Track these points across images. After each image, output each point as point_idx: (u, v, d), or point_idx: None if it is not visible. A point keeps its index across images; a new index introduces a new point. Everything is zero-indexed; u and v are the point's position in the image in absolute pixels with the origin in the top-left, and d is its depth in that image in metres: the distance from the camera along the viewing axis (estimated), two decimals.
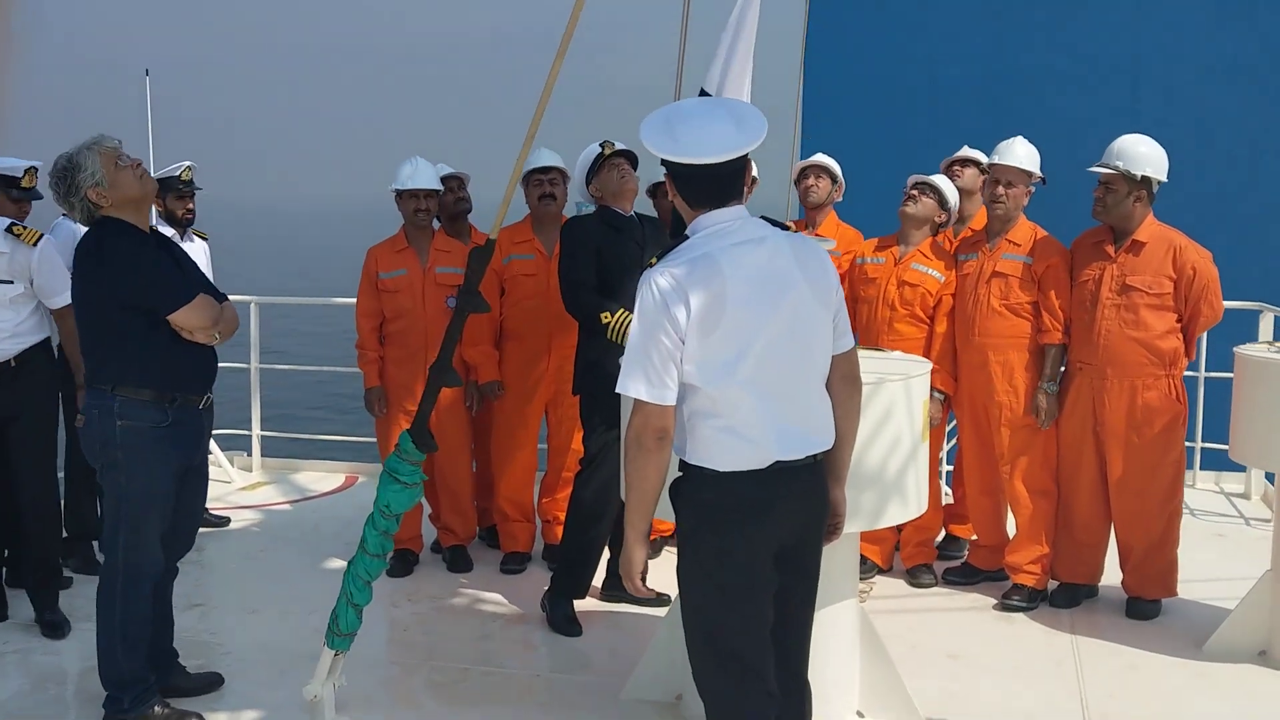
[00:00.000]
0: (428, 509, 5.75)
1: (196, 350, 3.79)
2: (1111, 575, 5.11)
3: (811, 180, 5.71)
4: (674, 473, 2.84)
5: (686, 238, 2.82)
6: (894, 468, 3.62)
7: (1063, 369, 5.06)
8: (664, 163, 2.82)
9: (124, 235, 3.72)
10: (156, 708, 3.84)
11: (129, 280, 3.65)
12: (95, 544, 5.57)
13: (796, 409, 2.79)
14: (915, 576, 5.40)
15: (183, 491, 3.89)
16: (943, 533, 5.75)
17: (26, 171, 5.01)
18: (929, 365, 3.96)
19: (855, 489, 3.54)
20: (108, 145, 3.76)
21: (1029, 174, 5.08)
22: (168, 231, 5.55)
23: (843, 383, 2.92)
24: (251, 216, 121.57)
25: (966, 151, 5.68)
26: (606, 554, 5.02)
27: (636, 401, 2.71)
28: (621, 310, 4.57)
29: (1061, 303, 4.98)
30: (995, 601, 5.11)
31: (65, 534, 5.54)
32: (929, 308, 5.29)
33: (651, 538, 5.67)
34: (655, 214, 5.44)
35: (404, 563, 5.51)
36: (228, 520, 6.30)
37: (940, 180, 5.39)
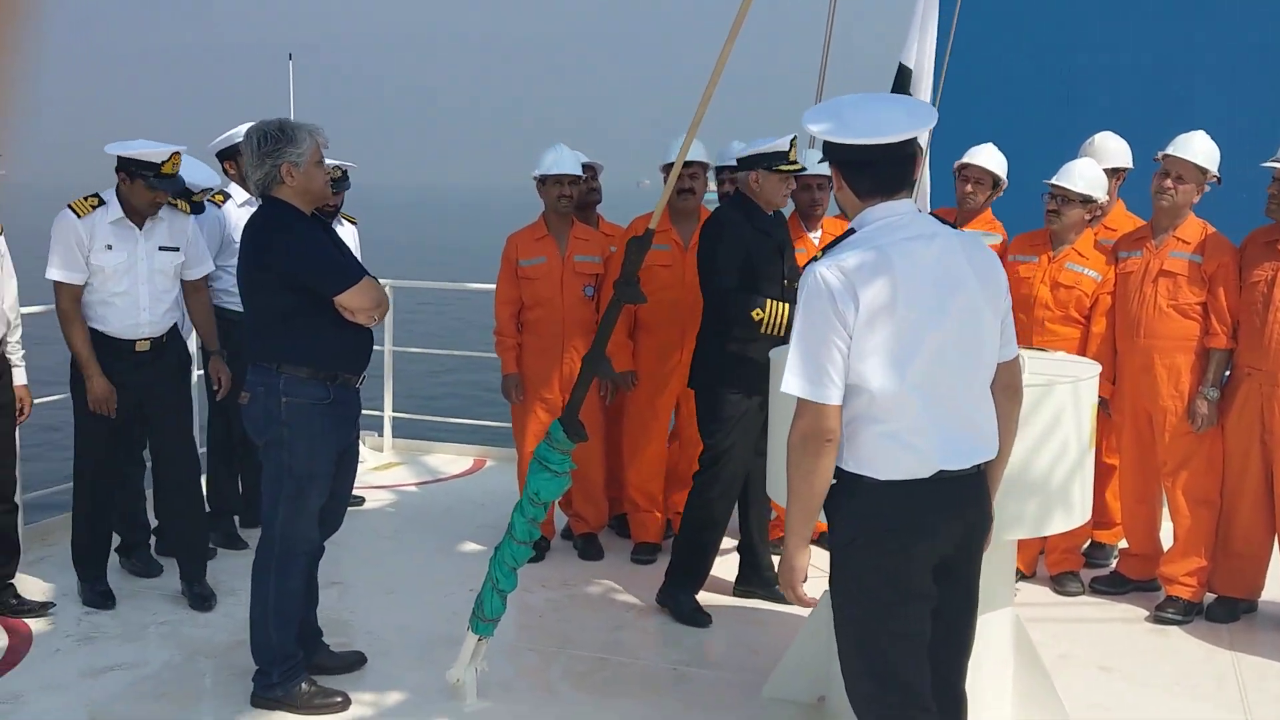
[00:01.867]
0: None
1: (355, 331, 3.82)
2: (1272, 590, 4.86)
3: (970, 187, 5.42)
4: None
5: (853, 230, 2.71)
6: (1060, 475, 3.47)
7: (1227, 374, 4.83)
8: (829, 153, 2.71)
9: (293, 219, 3.76)
10: (304, 685, 3.90)
11: (299, 262, 3.69)
12: (236, 519, 5.70)
13: (962, 415, 2.66)
14: (1061, 584, 5.22)
15: (338, 470, 3.94)
16: (1088, 540, 5.55)
17: (172, 156, 4.70)
18: (1098, 367, 3.78)
19: (1019, 497, 3.42)
20: (321, 138, 3.82)
21: (1204, 171, 4.83)
22: None
23: (1004, 392, 2.78)
24: (391, 200, 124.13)
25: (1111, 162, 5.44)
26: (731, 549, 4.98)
27: (801, 402, 2.59)
28: (769, 301, 4.49)
29: (1231, 305, 4.73)
30: (1147, 613, 4.91)
31: (208, 509, 5.70)
32: (1085, 309, 5.09)
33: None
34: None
35: (536, 548, 5.51)
36: (363, 500, 6.39)
37: (1076, 179, 5.07)
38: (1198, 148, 4.80)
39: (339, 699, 3.90)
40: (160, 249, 4.76)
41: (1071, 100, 7.06)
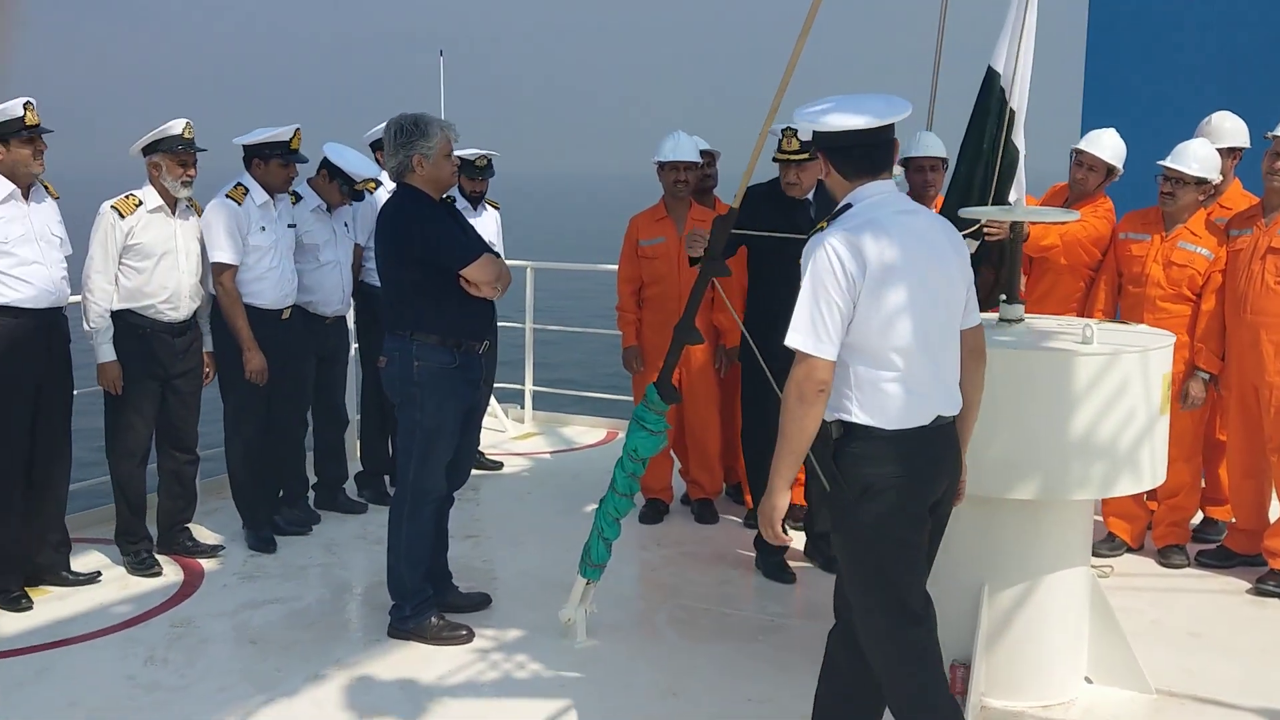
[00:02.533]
0: (678, 464, 6.10)
1: (478, 304, 4.25)
2: None
3: (1082, 174, 5.45)
4: None
5: (849, 205, 2.96)
6: (1127, 440, 3.63)
7: None
8: (819, 141, 2.99)
9: (422, 203, 4.22)
10: (433, 618, 4.36)
11: (429, 241, 4.15)
12: (386, 479, 6.24)
13: (947, 369, 2.97)
14: (1166, 556, 5.30)
15: (465, 428, 4.38)
16: (1200, 515, 5.60)
17: (295, 133, 5.34)
18: (1172, 339, 3.91)
19: (1085, 459, 3.61)
20: (452, 133, 4.28)
21: None
22: (461, 204, 6.14)
23: (970, 356, 3.05)
24: (531, 186, 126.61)
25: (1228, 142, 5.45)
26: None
27: (800, 354, 2.83)
28: None
29: None
30: (1249, 586, 4.96)
31: (362, 469, 6.27)
32: (1196, 286, 5.14)
33: None
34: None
35: (655, 511, 5.88)
36: (501, 464, 6.88)
37: (1190, 161, 5.10)
38: None
39: (464, 633, 4.35)
40: (289, 226, 5.40)
41: (1194, 76, 6.99)
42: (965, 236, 4.54)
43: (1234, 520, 5.31)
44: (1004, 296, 4.08)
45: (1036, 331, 3.94)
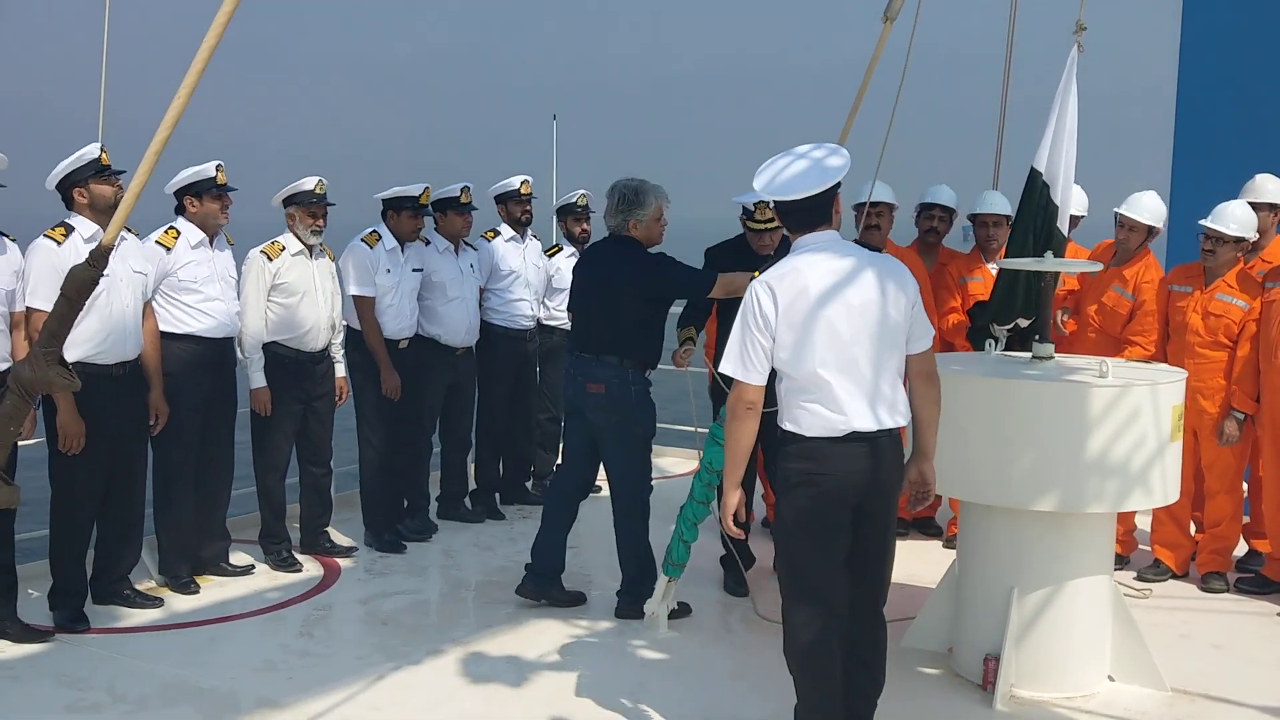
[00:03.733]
0: (760, 488, 6.70)
1: (660, 333, 5.16)
2: None
3: (1123, 235, 5.95)
4: None
5: (787, 252, 3.60)
6: (1138, 462, 4.17)
7: None
8: (775, 203, 3.64)
9: (640, 252, 5.16)
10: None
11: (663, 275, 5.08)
12: (497, 495, 6.98)
13: (869, 392, 3.46)
14: (1207, 582, 5.73)
15: None
16: (1245, 546, 6.01)
17: (424, 190, 6.29)
18: (1183, 375, 4.43)
19: (1100, 477, 4.16)
20: (663, 201, 5.18)
21: None
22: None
23: (918, 379, 3.62)
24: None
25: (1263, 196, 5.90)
26: None
27: (734, 379, 3.50)
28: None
29: None
30: None
31: (474, 486, 7.02)
32: (1233, 334, 5.60)
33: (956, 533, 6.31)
34: None
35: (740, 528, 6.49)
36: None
37: (1229, 221, 5.55)
38: None
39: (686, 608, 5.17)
40: (414, 270, 6.24)
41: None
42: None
43: (1269, 551, 5.72)
44: (1037, 337, 4.66)
45: (1062, 367, 4.51)
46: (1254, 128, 7.83)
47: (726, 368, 3.52)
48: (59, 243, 4.76)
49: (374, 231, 6.18)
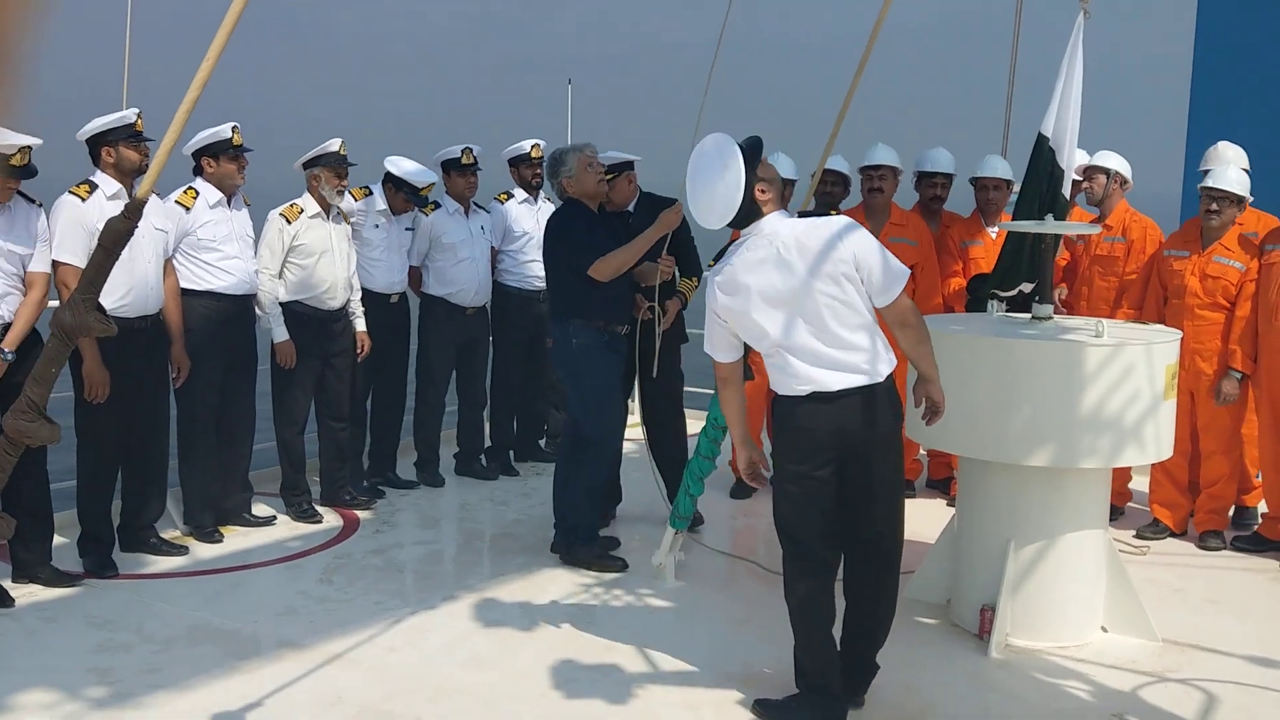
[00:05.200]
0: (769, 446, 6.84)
1: (622, 290, 5.33)
2: None
3: (1087, 183, 6.16)
4: None
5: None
6: (1131, 418, 4.29)
7: None
8: None
9: (575, 215, 5.27)
10: (597, 547, 5.39)
11: (566, 245, 5.24)
12: (511, 453, 7.14)
13: (826, 360, 3.63)
14: (1204, 541, 5.85)
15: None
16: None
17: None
18: (1177, 335, 4.54)
19: (1094, 433, 4.28)
20: (586, 153, 5.35)
21: None
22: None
23: (896, 328, 3.75)
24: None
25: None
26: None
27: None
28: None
29: None
30: (1279, 565, 5.51)
31: (490, 444, 7.17)
32: (1231, 296, 5.71)
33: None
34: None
35: (744, 488, 6.64)
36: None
37: (1233, 182, 5.65)
38: None
39: (620, 562, 5.32)
40: (406, 229, 6.48)
41: None
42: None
43: (1265, 510, 5.84)
44: (1037, 298, 4.77)
45: (1059, 327, 4.63)
46: (1271, 96, 7.87)
47: (706, 347, 3.90)
48: (83, 199, 4.94)
49: (366, 187, 6.36)
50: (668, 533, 5.14)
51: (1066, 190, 5.17)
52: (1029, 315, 4.79)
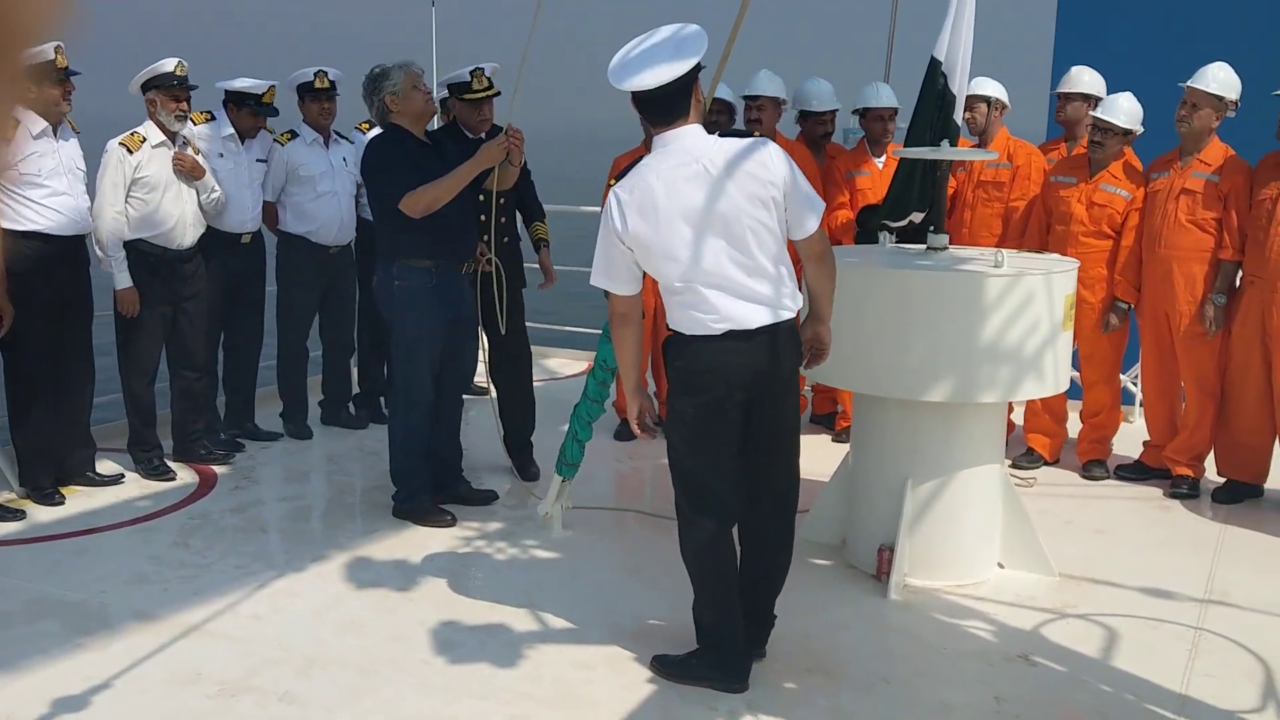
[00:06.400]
0: (653, 385, 6.62)
1: (453, 228, 4.77)
2: (1275, 479, 5.43)
3: (969, 113, 5.93)
4: None
5: (641, 158, 3.42)
6: (1030, 349, 4.17)
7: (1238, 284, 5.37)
8: (634, 97, 3.34)
9: (397, 141, 4.76)
10: (426, 502, 4.98)
11: (382, 176, 4.74)
12: (382, 400, 6.76)
13: (742, 292, 3.33)
14: (1088, 470, 5.85)
15: (451, 341, 4.94)
16: None
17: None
18: (1075, 264, 4.44)
19: (992, 365, 4.14)
20: (413, 69, 4.83)
21: (1220, 99, 5.34)
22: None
23: (809, 262, 3.51)
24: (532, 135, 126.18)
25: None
26: None
27: (607, 291, 3.42)
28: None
29: (1240, 222, 5.27)
30: (1161, 494, 5.53)
31: (359, 390, 6.78)
32: (1116, 224, 5.66)
33: (845, 426, 6.34)
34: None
35: (628, 430, 6.41)
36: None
37: (1119, 114, 5.55)
38: (1210, 78, 5.32)
39: (449, 517, 4.93)
40: (257, 160, 5.98)
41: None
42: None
43: (1148, 439, 5.87)
44: (931, 227, 4.61)
45: (955, 258, 4.47)
46: (1134, 27, 7.88)
47: (595, 279, 3.40)
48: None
49: (207, 112, 5.84)
50: (554, 481, 4.87)
51: (959, 117, 5.01)
52: (924, 246, 4.63)
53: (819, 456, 5.99)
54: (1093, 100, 5.97)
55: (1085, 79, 6.06)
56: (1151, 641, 3.98)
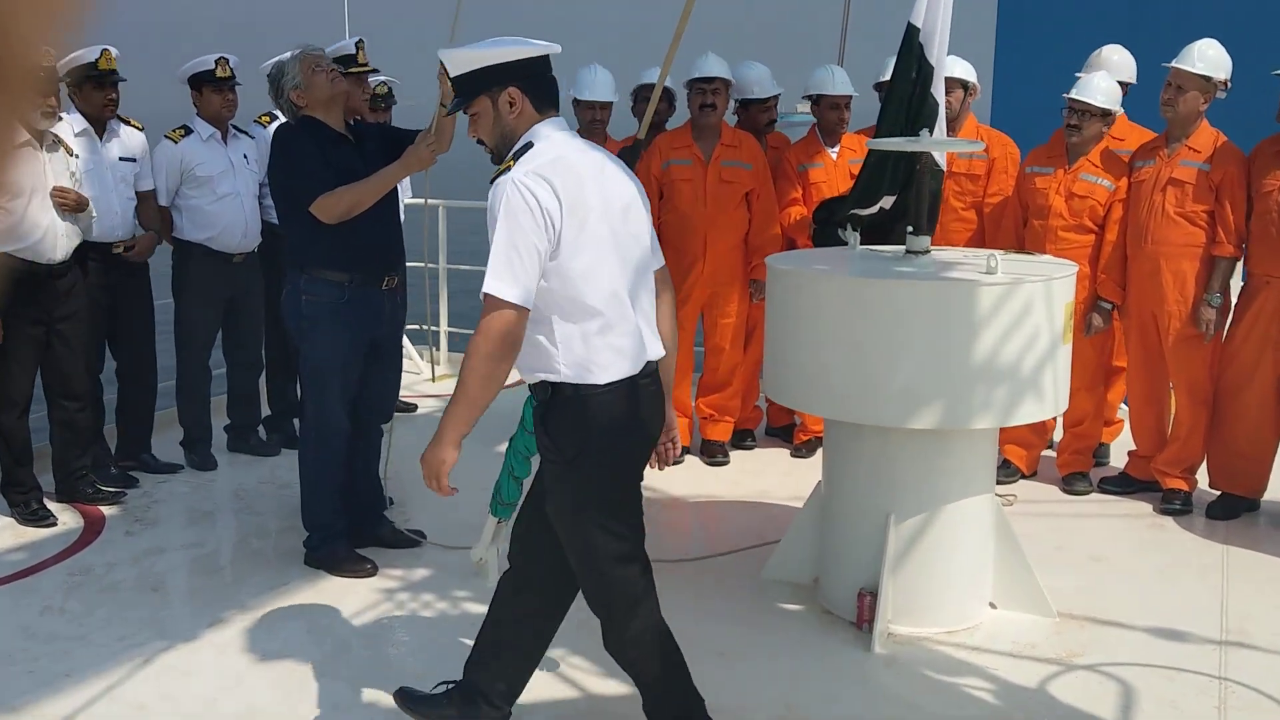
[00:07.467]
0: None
1: (375, 236, 4.15)
2: (1274, 491, 5.01)
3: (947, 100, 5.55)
4: None
5: (531, 144, 2.69)
6: (1029, 366, 3.67)
7: (1242, 283, 4.94)
8: (509, 75, 2.71)
9: (306, 134, 4.14)
10: (341, 550, 4.35)
11: (289, 174, 4.12)
12: (296, 421, 6.12)
13: (648, 311, 2.82)
14: (1070, 484, 5.40)
15: (371, 365, 4.32)
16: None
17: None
18: (1074, 268, 3.95)
19: (987, 384, 3.63)
20: (310, 53, 4.22)
21: (1207, 79, 4.90)
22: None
23: (666, 289, 2.94)
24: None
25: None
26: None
27: (495, 303, 2.57)
28: None
29: (1236, 215, 4.83)
30: (1151, 509, 5.09)
31: (269, 412, 6.14)
32: (1098, 217, 5.19)
33: (805, 439, 5.83)
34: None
35: None
36: (415, 406, 6.79)
37: (1096, 94, 5.08)
38: (1197, 57, 4.86)
39: (368, 566, 4.34)
40: (121, 159, 5.25)
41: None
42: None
43: (1134, 448, 5.42)
44: (910, 228, 4.08)
45: (940, 263, 3.96)
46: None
47: (497, 287, 2.56)
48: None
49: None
50: (489, 522, 4.26)
51: (939, 93, 4.47)
52: (901, 248, 4.10)
53: (782, 477, 5.51)
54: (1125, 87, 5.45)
55: (1114, 59, 5.53)
56: (1172, 697, 3.50)
